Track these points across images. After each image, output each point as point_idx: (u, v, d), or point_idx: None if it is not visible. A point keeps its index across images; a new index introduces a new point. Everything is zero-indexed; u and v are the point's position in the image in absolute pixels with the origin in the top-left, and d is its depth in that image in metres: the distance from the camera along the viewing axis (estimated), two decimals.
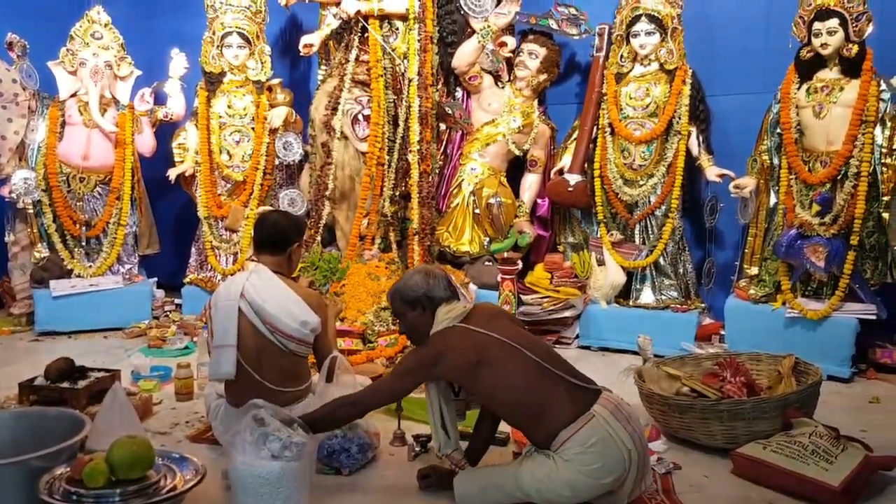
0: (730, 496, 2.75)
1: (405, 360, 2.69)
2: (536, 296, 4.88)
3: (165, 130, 5.59)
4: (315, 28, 5.38)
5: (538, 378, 2.42)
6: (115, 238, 5.33)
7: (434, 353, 2.51)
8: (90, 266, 5.27)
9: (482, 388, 2.48)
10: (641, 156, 4.77)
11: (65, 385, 3.41)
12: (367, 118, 5.02)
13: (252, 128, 5.39)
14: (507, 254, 4.80)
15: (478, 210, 5.14)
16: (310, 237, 5.06)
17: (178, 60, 5.43)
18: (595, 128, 4.93)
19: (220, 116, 5.35)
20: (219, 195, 5.44)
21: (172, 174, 5.39)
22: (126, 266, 5.44)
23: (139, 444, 2.35)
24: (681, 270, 4.82)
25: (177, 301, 5.54)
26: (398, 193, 5.11)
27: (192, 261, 5.54)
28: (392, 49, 4.98)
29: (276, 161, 5.42)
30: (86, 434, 2.55)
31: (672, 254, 4.80)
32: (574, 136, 5.05)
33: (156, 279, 5.59)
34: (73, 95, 5.22)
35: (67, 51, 5.16)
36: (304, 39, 5.16)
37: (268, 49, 5.40)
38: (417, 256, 4.87)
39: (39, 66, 5.15)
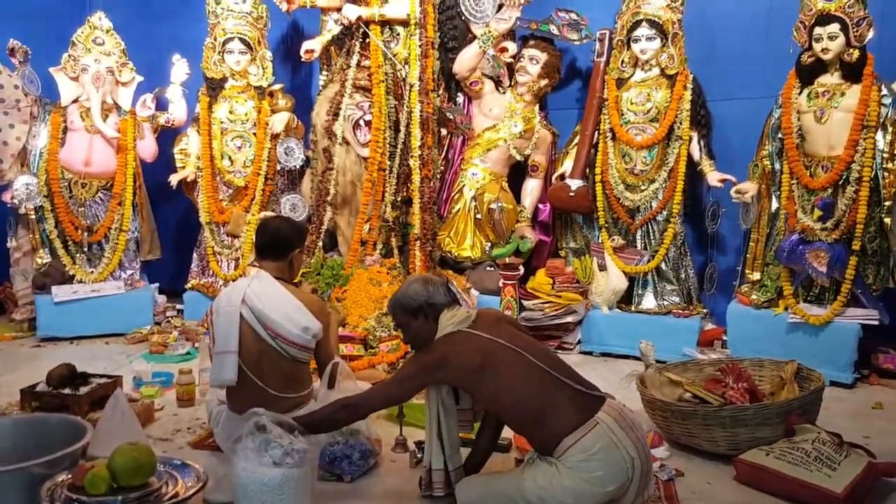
0: (732, 503, 2.74)
1: (408, 364, 2.68)
2: (538, 301, 4.88)
3: (167, 136, 5.60)
4: (316, 34, 5.39)
5: (542, 383, 2.41)
6: (117, 244, 5.33)
7: (437, 358, 2.50)
8: (92, 272, 5.27)
9: (486, 393, 2.46)
10: (643, 161, 4.77)
11: (66, 391, 3.42)
12: (369, 123, 5.02)
13: (254, 133, 5.40)
14: (509, 259, 4.79)
15: (479, 215, 5.14)
16: (311, 243, 5.05)
17: (180, 66, 5.44)
18: (596, 133, 4.93)
19: (222, 122, 5.37)
20: (220, 201, 5.45)
21: (174, 180, 5.40)
22: (128, 272, 5.44)
23: (141, 451, 2.35)
24: (682, 276, 4.82)
25: (178, 307, 5.55)
26: (400, 199, 5.11)
27: (194, 266, 5.55)
28: (393, 54, 4.99)
29: (278, 166, 5.43)
30: (87, 441, 2.54)
31: (674, 259, 4.79)
32: (575, 142, 5.05)
33: (157, 285, 5.59)
34: (75, 101, 5.23)
35: (69, 56, 5.17)
36: (306, 45, 5.17)
37: (269, 55, 5.41)
38: (419, 262, 4.87)
39: (41, 72, 5.17)
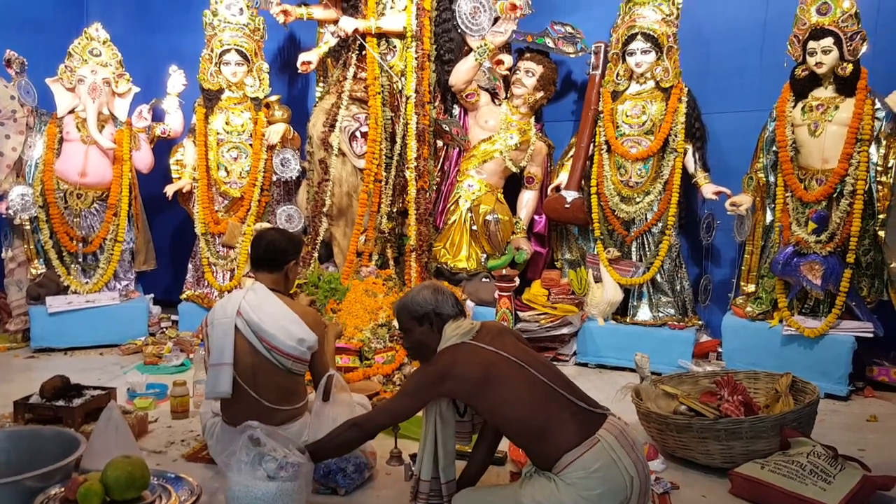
0: None
1: (412, 379, 2.65)
2: (533, 312, 4.88)
3: (163, 147, 5.61)
4: (313, 46, 5.42)
5: (545, 398, 2.39)
6: (112, 254, 5.32)
7: (441, 370, 2.48)
8: (87, 282, 5.26)
9: (488, 406, 2.44)
10: (638, 173, 4.78)
11: (60, 403, 3.40)
12: (365, 135, 5.04)
13: (250, 144, 5.41)
14: (505, 270, 4.80)
15: (475, 227, 5.15)
16: (307, 254, 5.06)
17: (177, 77, 5.46)
18: (591, 145, 4.95)
19: (218, 133, 5.37)
20: (216, 211, 5.45)
21: (170, 190, 5.40)
22: (123, 282, 5.44)
23: (134, 465, 2.34)
24: (678, 287, 4.83)
25: (173, 318, 5.54)
26: (395, 210, 5.12)
27: (189, 277, 5.54)
28: (389, 67, 5.01)
29: (274, 177, 5.43)
30: (80, 454, 2.54)
31: (669, 271, 4.80)
32: (571, 154, 5.07)
33: (152, 295, 5.58)
34: (71, 112, 5.24)
35: (66, 67, 5.19)
36: (302, 57, 5.19)
37: (266, 66, 5.43)
38: (415, 273, 4.87)
39: (38, 83, 5.18)
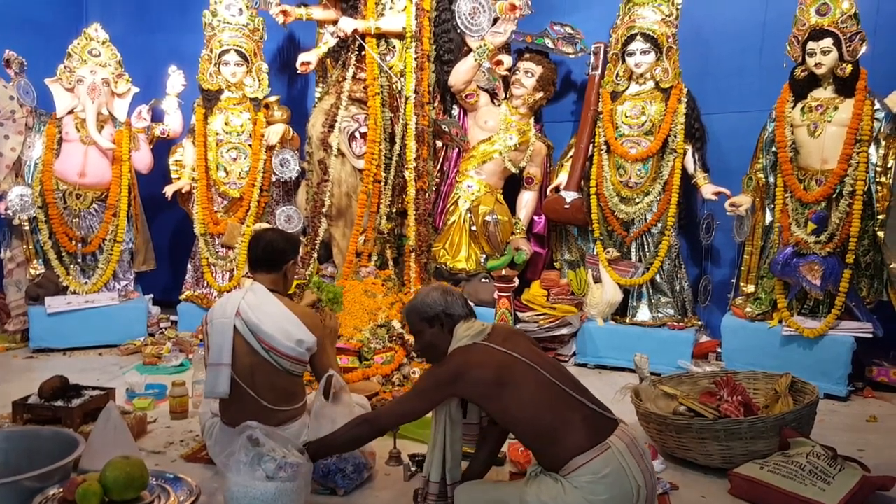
0: None
1: (425, 378, 2.63)
2: (533, 313, 4.88)
3: (162, 147, 5.60)
4: (312, 46, 5.42)
5: (556, 400, 2.39)
6: (111, 255, 5.32)
7: (454, 370, 2.47)
8: (86, 283, 5.26)
9: (500, 407, 2.43)
10: (637, 173, 4.78)
11: (59, 404, 3.40)
12: (364, 135, 5.04)
13: (249, 145, 5.40)
14: (504, 271, 4.79)
15: (474, 227, 5.14)
16: (306, 254, 5.06)
17: (176, 78, 5.46)
18: (591, 145, 4.95)
19: (218, 133, 5.37)
20: (215, 212, 5.45)
21: (169, 191, 5.40)
22: (122, 283, 5.43)
23: (133, 465, 2.34)
24: (677, 288, 4.83)
25: (172, 318, 5.53)
26: (395, 210, 5.12)
27: (189, 277, 5.54)
28: (389, 67, 5.01)
29: (273, 178, 5.43)
30: (79, 454, 2.54)
31: (668, 271, 4.80)
32: (570, 154, 5.07)
33: (151, 296, 5.58)
34: (71, 112, 5.23)
35: (65, 68, 5.18)
36: (302, 57, 5.19)
37: (265, 67, 5.42)
38: (414, 273, 4.87)
39: (37, 83, 5.17)
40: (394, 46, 5.06)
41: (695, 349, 4.63)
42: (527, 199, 5.37)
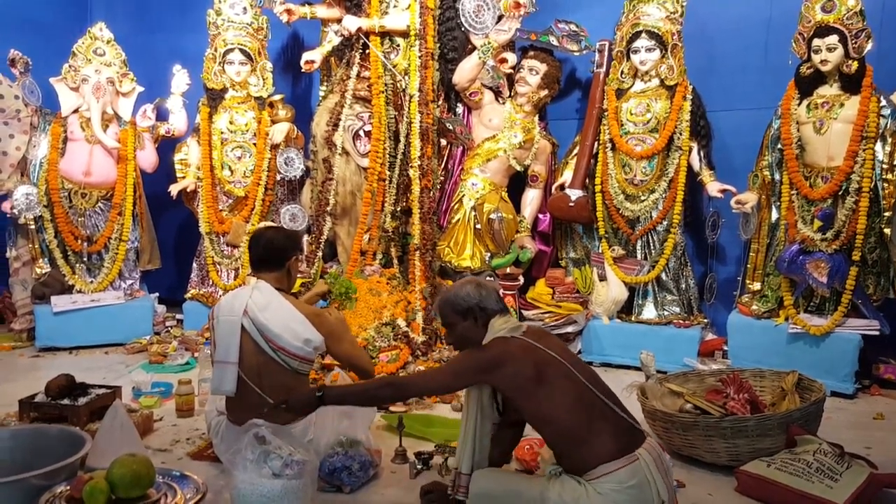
0: None
1: (462, 358, 2.58)
2: (538, 311, 4.88)
3: (167, 146, 5.61)
4: (316, 45, 5.41)
5: (589, 405, 2.38)
6: (117, 253, 5.33)
7: (494, 358, 2.44)
8: (91, 282, 5.27)
9: (533, 404, 2.40)
10: (642, 171, 4.77)
11: (65, 402, 3.41)
12: (369, 134, 5.03)
13: (254, 143, 5.41)
14: (509, 269, 4.79)
15: (479, 225, 5.14)
16: (311, 252, 5.06)
17: (180, 77, 5.46)
18: (596, 143, 4.94)
19: (222, 132, 5.38)
20: (220, 211, 5.45)
21: (174, 190, 5.41)
22: (127, 281, 5.44)
23: (139, 463, 2.35)
24: (683, 286, 4.82)
25: (178, 316, 5.54)
26: (399, 209, 5.11)
27: (194, 276, 5.54)
28: (393, 65, 5.00)
29: (278, 177, 5.44)
30: (86, 452, 2.54)
31: (674, 269, 4.79)
32: (575, 152, 5.06)
33: (157, 295, 5.59)
34: (76, 111, 5.24)
35: (70, 67, 5.19)
36: (306, 56, 5.18)
37: (269, 65, 5.43)
38: (419, 272, 4.86)
39: (42, 83, 5.19)
40: (398, 45, 5.05)
41: (701, 347, 4.62)
42: (531, 197, 5.37)
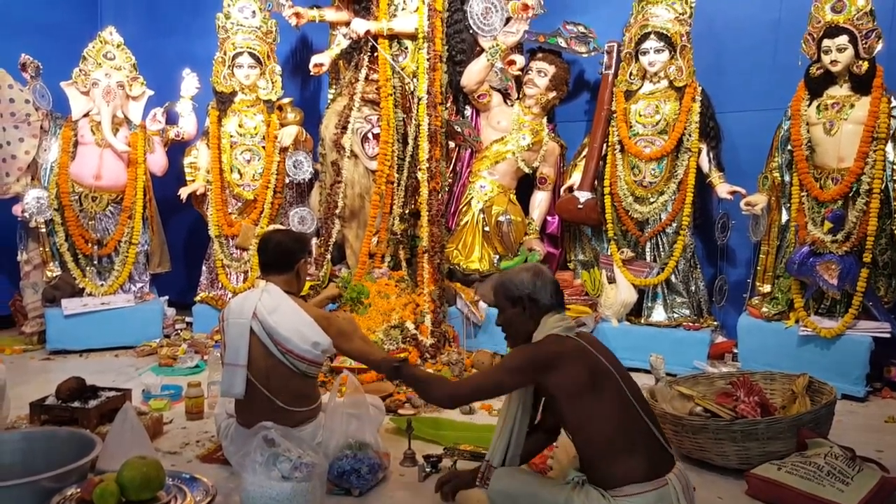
0: None
1: (516, 356, 2.47)
2: None
3: (177, 150, 5.63)
4: (325, 48, 5.43)
5: (630, 422, 2.32)
6: (127, 257, 5.35)
7: (550, 357, 2.36)
8: (102, 285, 5.29)
9: (577, 410, 2.33)
10: (651, 173, 4.76)
11: (76, 404, 3.42)
12: (377, 137, 5.05)
13: (263, 146, 5.42)
14: None
15: (487, 228, 5.14)
16: (320, 255, 5.07)
17: (190, 80, 5.48)
18: (605, 145, 4.94)
19: (231, 135, 5.39)
20: (230, 214, 5.47)
21: (184, 193, 5.43)
22: (137, 284, 5.46)
23: (150, 465, 2.35)
24: (692, 288, 4.80)
25: (188, 319, 5.55)
26: (408, 211, 5.12)
27: (203, 279, 5.56)
28: (401, 68, 5.01)
29: (287, 179, 5.45)
30: (96, 454, 2.55)
31: (683, 271, 4.78)
32: (584, 154, 5.05)
33: (167, 297, 5.61)
34: (86, 115, 5.27)
35: (80, 71, 5.22)
36: (315, 59, 5.20)
37: (278, 69, 5.44)
38: (427, 274, 4.86)
39: (52, 87, 5.22)
40: (406, 47, 5.06)
41: (711, 349, 4.60)
42: (540, 200, 5.36)
